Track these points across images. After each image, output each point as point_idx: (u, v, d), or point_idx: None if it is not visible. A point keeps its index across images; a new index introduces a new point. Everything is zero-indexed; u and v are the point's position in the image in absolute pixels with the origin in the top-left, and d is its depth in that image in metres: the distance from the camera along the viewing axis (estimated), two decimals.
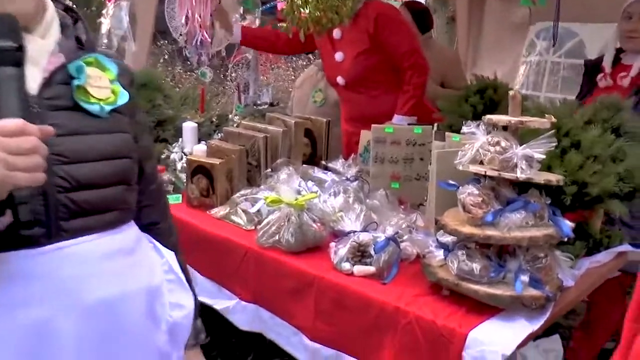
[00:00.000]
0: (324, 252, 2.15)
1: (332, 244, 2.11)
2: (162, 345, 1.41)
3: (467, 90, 2.56)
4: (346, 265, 2.01)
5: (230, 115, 3.74)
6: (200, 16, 3.46)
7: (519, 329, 1.66)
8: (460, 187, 1.78)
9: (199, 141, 3.23)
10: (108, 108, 1.28)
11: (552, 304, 1.74)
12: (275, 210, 2.27)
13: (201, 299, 2.58)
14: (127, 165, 1.34)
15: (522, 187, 1.76)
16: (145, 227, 1.47)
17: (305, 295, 2.07)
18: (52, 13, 1.29)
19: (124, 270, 1.31)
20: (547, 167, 1.91)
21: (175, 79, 6.80)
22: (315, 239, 2.20)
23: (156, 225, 1.53)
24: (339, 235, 2.16)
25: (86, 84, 1.25)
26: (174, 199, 2.86)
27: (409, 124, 2.94)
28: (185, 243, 2.65)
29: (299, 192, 2.51)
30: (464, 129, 1.79)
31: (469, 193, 1.73)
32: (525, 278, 1.68)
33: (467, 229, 1.71)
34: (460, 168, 1.79)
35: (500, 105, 2.50)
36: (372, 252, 1.98)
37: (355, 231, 2.09)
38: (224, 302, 2.44)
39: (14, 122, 1.01)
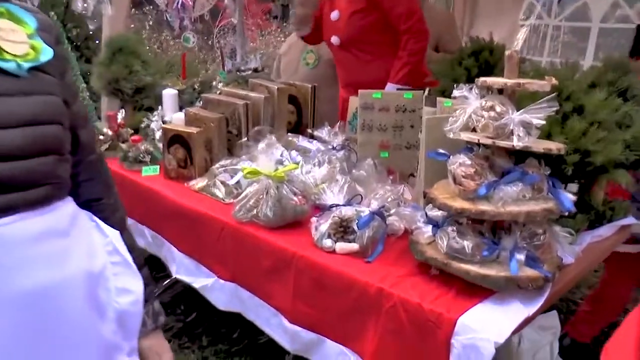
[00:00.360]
0: (305, 227, 1.99)
1: (313, 219, 1.95)
2: (110, 336, 1.27)
3: (461, 52, 2.37)
4: (327, 242, 1.85)
5: (214, 83, 3.55)
6: None
7: (514, 313, 1.50)
8: (451, 157, 1.61)
9: (181, 109, 3.05)
10: (27, 65, 1.12)
11: (550, 284, 1.59)
12: (254, 182, 2.11)
13: (180, 276, 2.46)
14: (55, 132, 1.17)
15: (519, 156, 1.59)
16: (86, 204, 1.32)
17: (283, 275, 1.92)
18: None
19: (57, 255, 1.15)
20: (546, 134, 1.75)
21: (163, 46, 6.57)
22: (296, 214, 2.04)
23: (99, 201, 1.38)
24: (321, 210, 2.00)
25: None
26: (151, 170, 2.70)
27: (398, 89, 2.75)
28: (162, 217, 2.53)
29: (281, 163, 2.35)
30: (455, 93, 1.62)
31: (460, 163, 1.56)
32: (521, 257, 1.52)
33: (458, 203, 1.54)
34: (451, 136, 1.62)
35: (496, 68, 2.31)
36: (356, 228, 1.82)
37: (338, 205, 1.92)
38: (202, 280, 2.30)
39: None
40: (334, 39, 3.20)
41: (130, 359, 1.33)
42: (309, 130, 2.73)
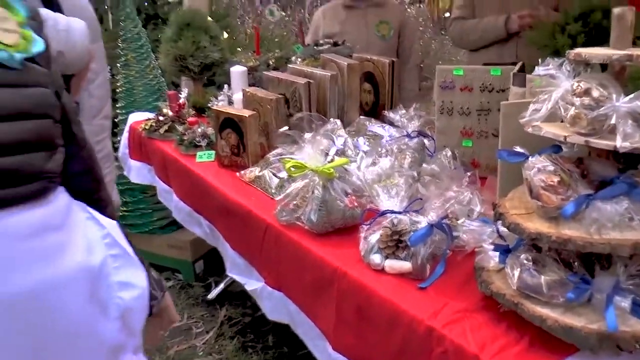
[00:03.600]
0: (355, 235, 1.63)
1: (364, 227, 1.59)
2: (114, 335, 1.22)
3: (565, 14, 1.87)
4: (376, 258, 1.49)
5: (292, 58, 3.23)
6: None
7: None
8: (529, 159, 1.19)
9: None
10: (19, 57, 1.10)
11: None
12: (300, 178, 1.78)
13: (232, 275, 2.20)
14: (48, 126, 1.17)
15: (627, 161, 1.14)
16: (76, 198, 1.28)
17: (327, 293, 1.59)
18: None
19: (53, 249, 1.12)
20: None
21: (260, 22, 6.35)
22: (345, 218, 1.69)
23: (91, 194, 1.36)
24: (375, 215, 1.63)
25: None
26: (206, 156, 2.46)
27: (484, 64, 2.29)
28: (214, 210, 2.26)
29: (342, 154, 2.00)
30: (539, 70, 1.20)
31: (540, 169, 1.14)
32: (624, 303, 1.08)
33: (534, 225, 1.12)
34: (529, 130, 1.20)
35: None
36: (409, 243, 1.44)
37: (392, 211, 1.55)
38: (252, 282, 2.04)
39: None
40: None
41: (136, 357, 1.29)
42: (385, 113, 2.35)
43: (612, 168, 1.14)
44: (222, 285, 3.49)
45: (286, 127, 2.08)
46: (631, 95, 1.06)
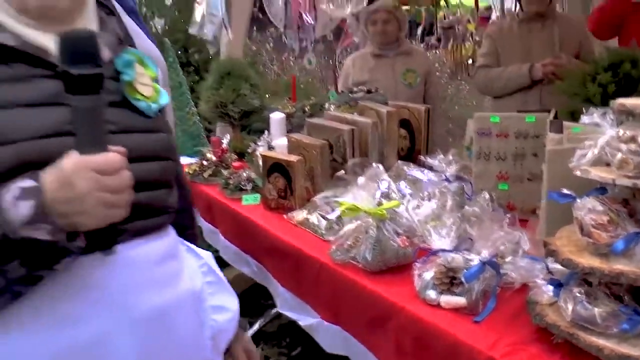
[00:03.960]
0: (409, 273, 1.75)
1: (417, 265, 1.71)
2: (206, 355, 1.34)
3: (595, 65, 2.01)
4: (432, 294, 1.61)
5: (326, 105, 3.39)
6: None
7: None
8: (579, 200, 1.31)
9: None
10: (155, 107, 1.24)
11: None
12: (353, 219, 1.91)
13: (284, 312, 2.31)
14: (171, 167, 1.30)
15: None
16: (177, 232, 1.39)
17: (386, 327, 1.70)
18: (92, 6, 1.23)
19: (172, 276, 1.25)
20: None
21: (284, 68, 6.58)
22: (398, 257, 1.81)
23: (186, 230, 1.47)
24: (427, 253, 1.75)
25: (134, 81, 1.20)
26: (252, 199, 2.59)
27: (519, 112, 2.43)
28: (263, 250, 2.39)
29: (387, 197, 2.12)
30: (584, 119, 1.33)
31: (590, 209, 1.26)
32: None
33: (586, 260, 1.24)
34: (578, 173, 1.32)
35: None
36: (463, 280, 1.56)
37: (445, 250, 1.67)
38: (307, 318, 2.13)
39: (113, 160, 0.99)
40: None
41: None
42: (422, 158, 2.48)
43: None
44: (257, 326, 3.58)
45: (342, 172, 2.21)
46: None
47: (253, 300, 3.46)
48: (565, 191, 1.38)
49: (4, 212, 0.94)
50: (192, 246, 1.42)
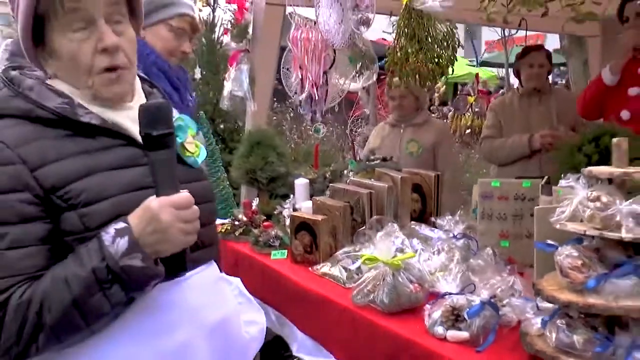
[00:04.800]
0: (419, 313, 2.03)
1: (427, 306, 1.99)
2: (249, 356, 1.64)
3: (581, 137, 2.34)
4: (439, 330, 1.88)
5: (345, 172, 3.73)
6: (312, 74, 3.53)
7: None
8: (559, 248, 1.61)
9: (311, 198, 3.24)
10: (200, 160, 1.52)
11: None
12: (373, 268, 2.20)
13: (300, 355, 2.56)
14: (215, 208, 1.61)
15: (634, 248, 1.56)
16: None
17: (399, 359, 1.96)
18: (139, 84, 1.52)
19: (223, 295, 1.54)
20: None
21: (303, 136, 7.01)
22: (411, 301, 2.09)
23: (217, 262, 1.66)
24: (435, 297, 2.03)
25: (184, 141, 1.47)
26: (279, 254, 2.88)
27: (517, 178, 2.75)
28: (286, 299, 2.68)
29: (401, 251, 2.42)
30: (562, 183, 1.63)
31: (567, 255, 1.56)
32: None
33: (565, 296, 1.53)
34: (557, 226, 1.62)
35: None
36: (466, 317, 1.84)
37: (451, 293, 1.95)
38: None
39: (187, 197, 1.27)
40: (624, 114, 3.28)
41: None
42: (432, 219, 2.79)
43: (622, 254, 1.55)
44: None
45: (364, 227, 2.52)
46: (630, 200, 1.49)
47: (273, 351, 3.67)
48: (549, 242, 1.68)
49: (106, 248, 1.23)
50: (223, 274, 1.65)
